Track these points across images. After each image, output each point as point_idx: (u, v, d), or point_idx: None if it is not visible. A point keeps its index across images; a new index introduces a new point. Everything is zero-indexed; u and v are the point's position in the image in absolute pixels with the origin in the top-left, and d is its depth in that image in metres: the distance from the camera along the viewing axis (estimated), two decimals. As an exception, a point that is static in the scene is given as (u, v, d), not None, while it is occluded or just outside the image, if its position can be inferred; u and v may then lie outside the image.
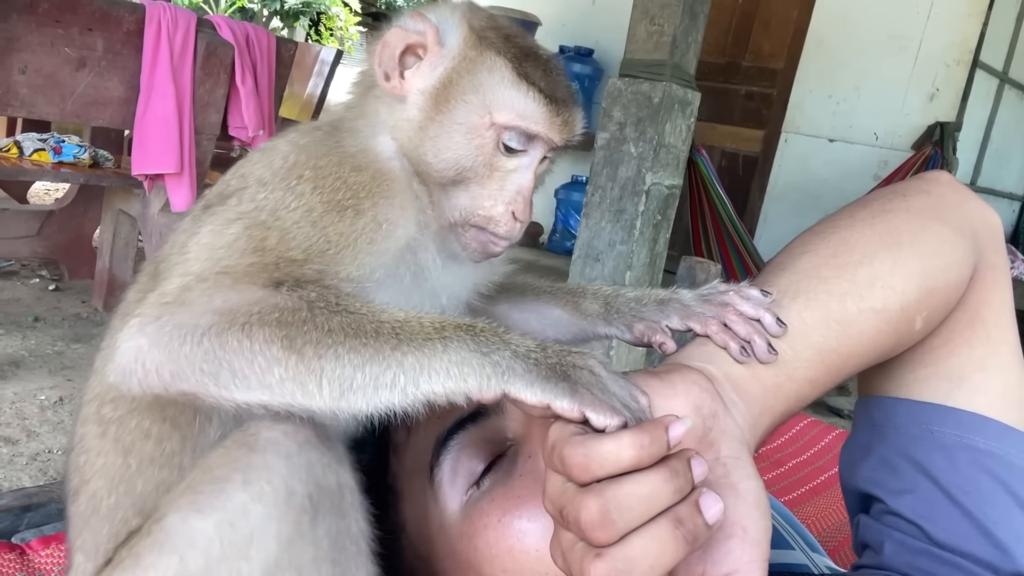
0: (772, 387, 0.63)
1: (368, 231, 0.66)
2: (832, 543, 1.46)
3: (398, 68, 0.71)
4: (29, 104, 2.76)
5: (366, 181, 0.68)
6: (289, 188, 0.66)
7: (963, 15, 5.00)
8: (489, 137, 0.70)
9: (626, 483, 0.49)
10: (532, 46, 0.74)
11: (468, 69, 0.70)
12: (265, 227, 0.64)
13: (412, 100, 0.71)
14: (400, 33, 0.71)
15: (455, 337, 0.58)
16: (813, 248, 0.71)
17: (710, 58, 5.60)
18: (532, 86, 0.70)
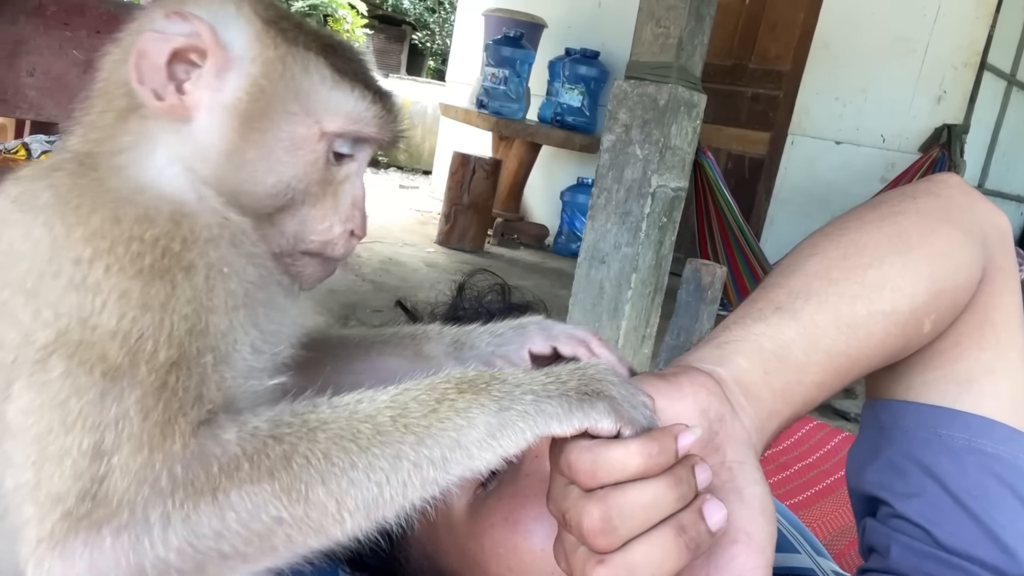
0: (781, 390, 0.63)
1: (213, 283, 0.52)
2: (838, 547, 1.46)
3: (170, 82, 0.56)
4: (37, 106, 2.78)
5: (167, 231, 0.52)
6: (73, 285, 0.49)
7: (970, 17, 4.99)
8: (320, 149, 0.59)
9: (630, 490, 0.49)
10: (329, 34, 0.64)
11: (278, 72, 0.58)
12: (87, 344, 0.48)
13: (205, 120, 0.57)
14: (158, 39, 0.55)
15: (467, 404, 0.51)
16: (823, 250, 0.71)
17: (716, 60, 5.60)
18: (356, 83, 0.60)
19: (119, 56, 0.60)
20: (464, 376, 0.53)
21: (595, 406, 0.52)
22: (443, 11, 17.76)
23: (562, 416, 0.51)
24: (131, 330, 0.49)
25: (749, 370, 0.62)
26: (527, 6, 6.55)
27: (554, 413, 0.51)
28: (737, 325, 0.65)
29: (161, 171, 0.56)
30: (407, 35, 18.84)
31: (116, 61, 0.60)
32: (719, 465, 0.56)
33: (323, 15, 13.75)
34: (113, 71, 0.60)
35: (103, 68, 0.61)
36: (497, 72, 6.27)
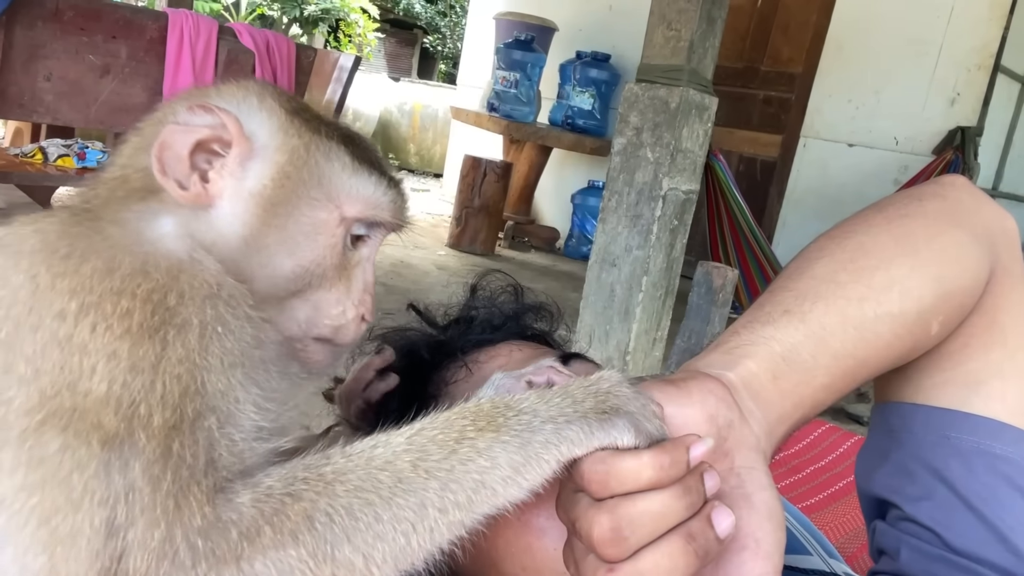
0: (790, 393, 0.63)
1: (208, 341, 0.50)
2: (850, 549, 1.45)
3: (193, 172, 0.56)
4: (54, 110, 2.81)
5: (162, 285, 0.50)
6: (56, 341, 0.47)
7: (984, 19, 4.96)
8: (339, 234, 0.60)
9: (640, 500, 0.50)
10: (345, 125, 0.66)
11: (303, 160, 0.59)
12: (80, 413, 0.46)
13: (227, 207, 0.57)
14: (183, 130, 0.56)
15: (488, 444, 0.50)
16: (829, 253, 0.71)
17: (728, 63, 5.59)
18: (373, 170, 0.62)
19: (138, 144, 0.60)
20: (480, 410, 0.52)
21: (615, 424, 0.52)
22: (454, 15, 17.80)
23: (583, 439, 0.51)
24: (123, 395, 0.46)
25: (758, 374, 0.62)
26: (538, 9, 6.56)
27: (575, 438, 0.51)
28: (746, 329, 0.65)
29: (166, 232, 0.55)
30: (418, 39, 18.89)
31: (135, 149, 0.60)
32: (728, 471, 0.56)
33: (335, 19, 13.81)
34: (132, 157, 0.60)
35: (120, 154, 0.61)
36: (508, 75, 6.28)
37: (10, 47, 2.60)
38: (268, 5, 13.46)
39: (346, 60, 4.20)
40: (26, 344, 0.47)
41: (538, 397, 0.53)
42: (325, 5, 13.50)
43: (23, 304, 0.48)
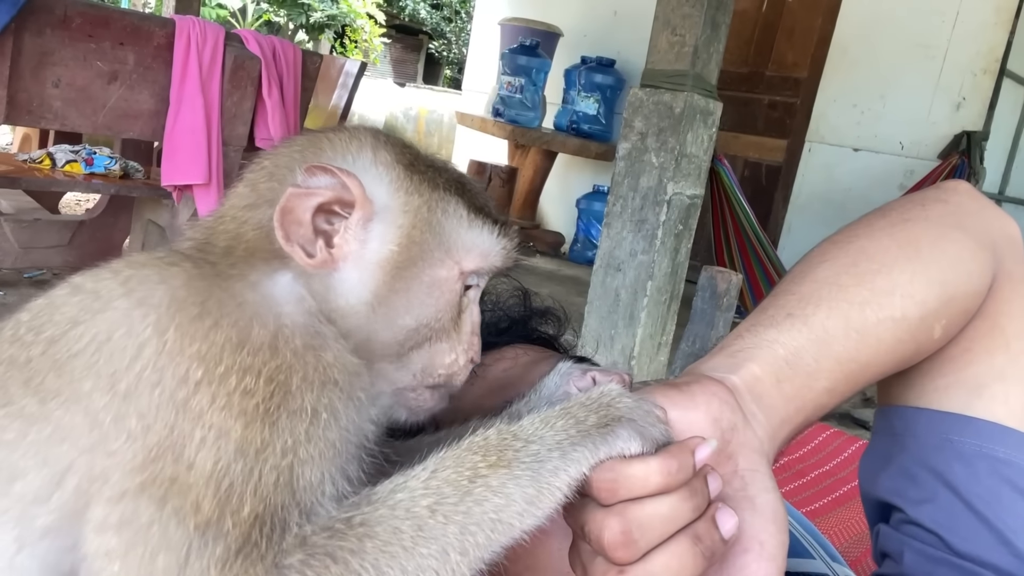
0: (793, 397, 0.63)
1: (315, 432, 0.50)
2: (854, 554, 1.45)
3: (318, 237, 0.55)
4: (62, 117, 2.83)
5: (288, 364, 0.50)
6: (173, 403, 0.47)
7: (989, 24, 4.95)
8: (458, 289, 0.60)
9: (648, 504, 0.50)
10: (451, 166, 0.64)
11: (425, 219, 0.58)
12: (181, 487, 0.46)
13: (351, 272, 0.57)
14: (304, 195, 0.55)
15: (501, 481, 0.50)
16: (832, 257, 0.71)
17: (733, 68, 5.59)
18: (487, 219, 0.61)
19: (252, 200, 0.59)
20: (488, 443, 0.52)
21: (619, 434, 0.52)
22: (459, 20, 17.85)
23: (590, 457, 0.52)
24: (224, 478, 0.47)
25: (761, 378, 0.62)
26: (543, 15, 6.58)
27: (583, 458, 0.52)
28: (749, 332, 0.66)
29: (295, 300, 0.55)
30: (424, 44, 18.95)
31: (249, 204, 0.58)
32: (731, 473, 0.57)
33: (341, 25, 13.86)
34: (246, 212, 0.58)
35: (232, 205, 0.59)
36: (513, 81, 6.29)
37: (19, 54, 2.62)
38: (274, 11, 13.52)
39: (352, 66, 4.23)
40: (143, 399, 0.48)
41: (542, 422, 0.53)
42: (331, 11, 13.55)
43: (147, 360, 0.48)
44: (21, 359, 0.50)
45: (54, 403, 0.49)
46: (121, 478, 0.47)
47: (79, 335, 0.49)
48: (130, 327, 0.49)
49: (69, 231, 3.62)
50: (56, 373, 0.49)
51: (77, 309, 0.51)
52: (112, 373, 0.48)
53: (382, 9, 14.61)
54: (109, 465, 0.47)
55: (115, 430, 0.47)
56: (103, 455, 0.47)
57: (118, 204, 3.66)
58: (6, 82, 2.60)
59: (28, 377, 0.50)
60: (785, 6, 5.74)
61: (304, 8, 13.23)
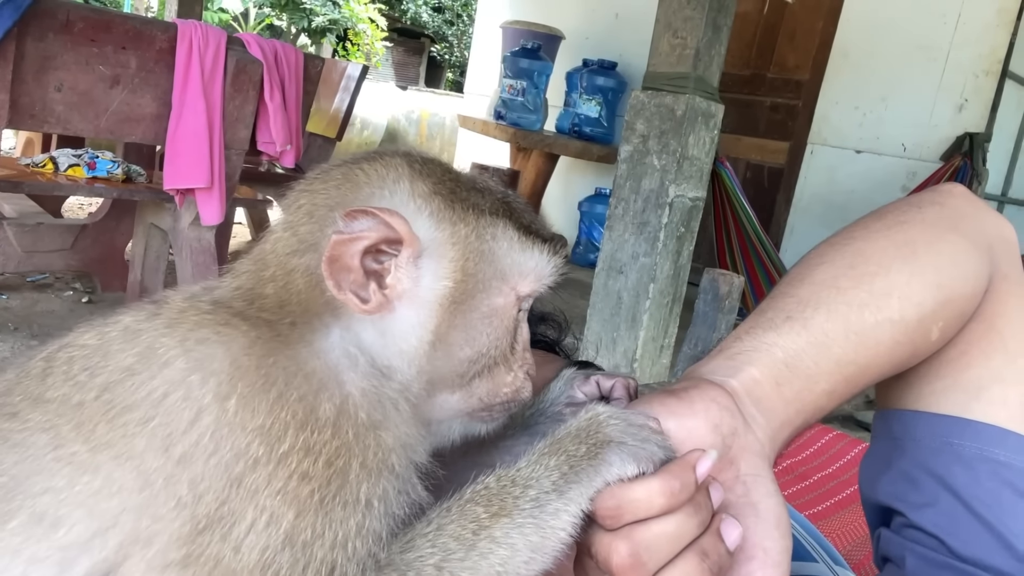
0: (792, 400, 0.63)
1: (365, 522, 0.49)
2: (857, 557, 1.45)
3: (369, 281, 0.54)
4: (65, 121, 2.84)
5: (349, 445, 0.49)
6: (228, 477, 0.46)
7: (992, 25, 4.95)
8: (514, 314, 0.60)
9: (655, 524, 0.51)
10: (493, 184, 0.63)
11: (475, 247, 0.56)
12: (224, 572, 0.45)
13: (410, 313, 0.55)
14: (348, 240, 0.53)
15: (504, 532, 0.50)
16: (830, 259, 0.71)
17: (735, 70, 5.59)
18: (536, 238, 0.60)
19: (292, 245, 0.56)
20: (488, 490, 0.52)
21: (612, 461, 0.52)
22: (461, 24, 17.87)
23: (587, 491, 0.52)
24: (268, 567, 0.45)
25: (761, 381, 0.62)
26: (545, 18, 6.58)
27: (580, 493, 0.52)
28: (748, 335, 0.66)
29: (358, 363, 0.53)
30: (426, 48, 18.98)
31: (292, 250, 0.56)
32: (733, 479, 0.57)
33: (343, 29, 13.89)
34: (290, 258, 0.56)
35: (276, 251, 0.57)
36: (515, 83, 6.30)
37: (21, 59, 2.62)
38: (276, 15, 13.55)
39: (354, 69, 4.23)
40: (196, 466, 0.46)
41: (536, 463, 0.53)
42: (333, 15, 13.57)
43: (205, 428, 0.47)
44: (74, 400, 0.49)
45: (105, 455, 0.47)
46: (166, 546, 0.46)
47: (134, 387, 0.48)
48: (188, 391, 0.47)
49: (72, 235, 3.63)
50: (108, 424, 0.48)
51: (133, 360, 0.49)
52: (167, 435, 0.47)
53: (384, 13, 14.64)
54: (156, 529, 0.46)
55: (165, 494, 0.46)
56: (150, 518, 0.46)
57: (121, 208, 3.67)
58: (9, 86, 2.61)
59: (80, 422, 0.48)
60: (787, 8, 5.74)
61: (306, 12, 13.25)
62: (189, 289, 0.57)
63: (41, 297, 3.72)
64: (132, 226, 3.64)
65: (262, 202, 3.92)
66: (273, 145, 3.32)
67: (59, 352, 0.52)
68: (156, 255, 3.56)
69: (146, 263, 3.54)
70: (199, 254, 3.22)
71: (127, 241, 3.77)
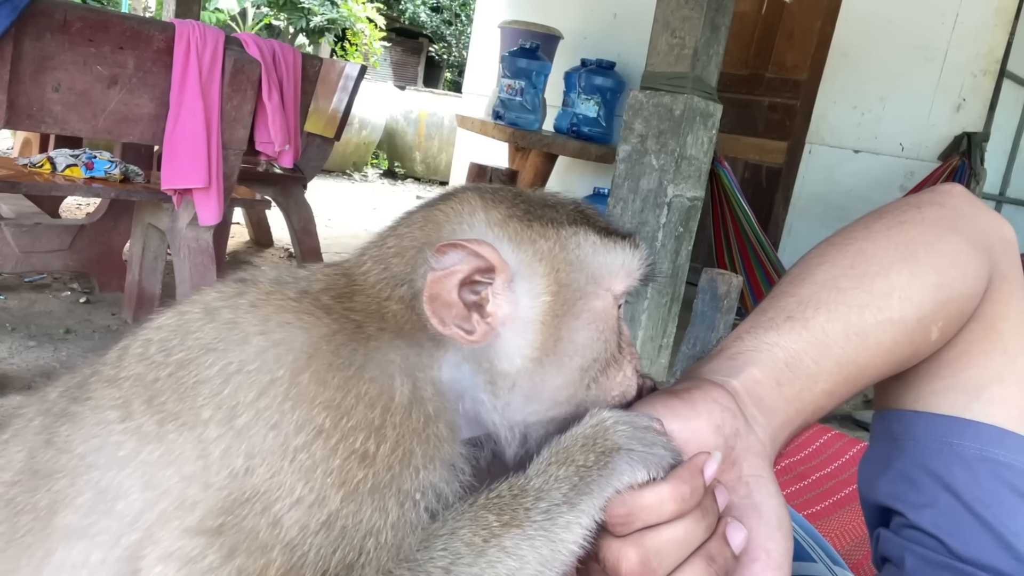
0: (793, 400, 0.63)
1: (405, 512, 0.49)
2: (856, 557, 1.45)
3: (472, 313, 0.54)
4: (62, 121, 2.83)
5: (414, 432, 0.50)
6: (283, 450, 0.46)
7: (989, 25, 4.95)
8: (615, 313, 0.60)
9: (664, 531, 0.51)
10: (560, 198, 0.64)
11: (563, 258, 0.57)
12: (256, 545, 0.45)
13: (513, 336, 0.55)
14: (445, 275, 0.54)
15: (515, 543, 0.50)
16: (831, 259, 0.72)
17: (733, 70, 5.60)
18: (618, 237, 0.61)
19: (385, 278, 0.57)
20: (501, 499, 0.51)
21: (622, 469, 0.52)
22: (460, 24, 17.86)
23: (598, 502, 0.52)
24: (300, 548, 0.45)
25: (762, 381, 0.62)
26: (543, 18, 6.58)
27: (591, 505, 0.51)
28: (749, 335, 0.66)
29: (447, 376, 0.54)
30: (424, 48, 18.97)
31: (382, 282, 0.57)
32: (736, 480, 0.57)
33: (342, 28, 13.89)
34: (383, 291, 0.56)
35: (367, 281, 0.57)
36: (513, 83, 6.30)
37: (19, 59, 2.62)
38: (274, 15, 13.55)
39: (352, 69, 4.23)
40: (256, 438, 0.46)
41: (546, 473, 0.52)
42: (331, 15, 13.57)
43: (273, 398, 0.47)
44: (148, 378, 0.50)
45: (171, 425, 0.47)
46: (204, 513, 0.45)
47: (210, 363, 0.48)
48: (262, 364, 0.48)
49: (70, 235, 3.62)
50: (179, 396, 0.48)
51: (212, 336, 0.50)
52: (234, 405, 0.47)
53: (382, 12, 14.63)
54: (201, 498, 0.46)
55: (220, 464, 0.46)
56: (199, 486, 0.46)
57: (118, 208, 3.67)
58: (6, 86, 2.60)
59: (151, 396, 0.49)
60: (785, 8, 5.75)
61: (304, 12, 13.25)
62: (274, 273, 0.57)
63: (39, 297, 3.71)
64: (130, 226, 3.64)
65: (260, 202, 3.92)
66: (271, 145, 3.32)
67: (136, 337, 0.53)
68: (154, 255, 3.56)
69: (144, 263, 3.54)
70: (197, 254, 3.22)
71: (125, 241, 3.76)
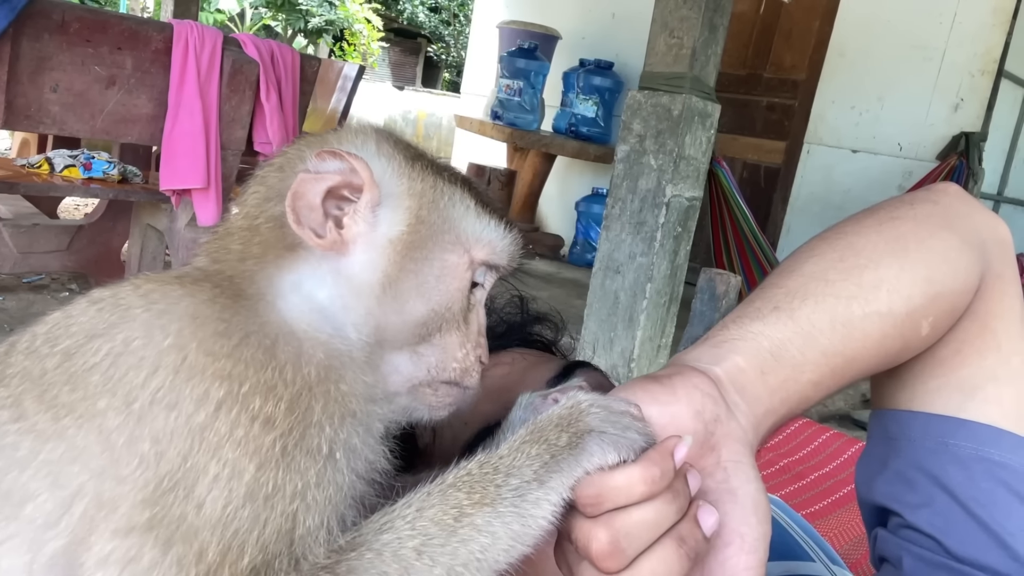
0: (777, 389, 0.63)
1: (326, 473, 0.49)
2: (854, 556, 1.45)
3: (327, 219, 0.56)
4: (60, 121, 2.83)
5: (311, 384, 0.49)
6: (189, 430, 0.45)
7: (987, 25, 4.96)
8: (467, 277, 0.61)
9: (634, 512, 0.51)
10: (456, 168, 0.66)
11: (433, 203, 0.59)
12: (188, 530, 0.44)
13: (361, 254, 0.57)
14: (314, 178, 0.56)
15: (486, 520, 0.50)
16: (820, 252, 0.72)
17: (731, 70, 5.60)
18: (494, 213, 0.63)
19: (264, 194, 0.60)
20: (471, 476, 0.52)
21: (593, 450, 0.52)
22: (458, 24, 17.86)
23: (568, 480, 0.52)
24: (230, 524, 0.45)
25: (745, 369, 0.63)
26: (541, 18, 6.59)
27: (561, 483, 0.52)
28: (735, 324, 0.66)
29: (314, 309, 0.55)
30: (422, 48, 18.98)
31: (261, 199, 0.60)
32: (714, 465, 0.57)
33: (340, 29, 13.88)
34: (258, 207, 0.59)
35: (244, 203, 0.61)
36: (512, 83, 6.30)
37: (17, 59, 2.62)
38: (272, 16, 13.54)
39: (350, 69, 4.23)
40: (158, 421, 0.45)
41: (519, 451, 0.53)
42: (329, 16, 13.56)
43: (165, 376, 0.46)
44: (35, 372, 0.48)
45: (68, 420, 0.46)
46: (130, 510, 0.45)
47: (96, 348, 0.48)
48: (149, 337, 0.47)
49: (68, 236, 3.62)
50: (71, 387, 0.47)
51: (95, 320, 0.49)
52: (128, 391, 0.46)
53: (380, 13, 14.64)
54: (119, 493, 0.45)
55: (127, 454, 0.45)
56: (113, 480, 0.45)
57: (117, 209, 3.67)
58: (4, 87, 2.60)
59: (42, 391, 0.48)
60: (783, 8, 5.75)
61: (302, 13, 13.24)
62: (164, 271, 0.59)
63: (37, 298, 3.71)
64: (128, 227, 3.64)
65: (259, 203, 3.91)
66: (269, 145, 3.32)
67: (22, 333, 0.52)
68: (152, 256, 3.55)
69: (142, 264, 3.54)
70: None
71: (123, 242, 3.76)
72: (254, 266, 0.56)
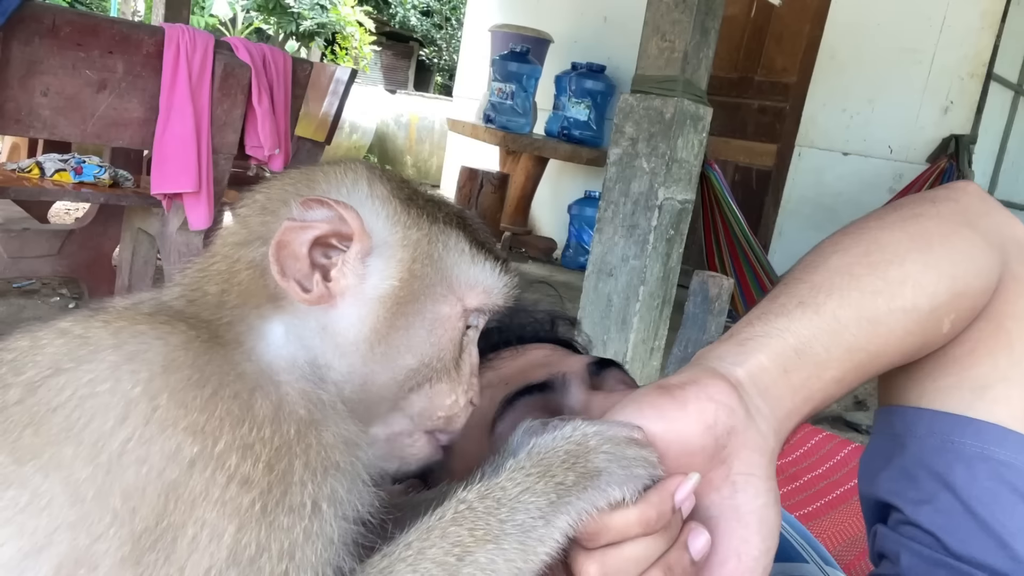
0: (801, 388, 0.62)
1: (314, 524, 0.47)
2: (847, 558, 1.45)
3: (314, 271, 0.52)
4: (51, 125, 2.81)
5: (291, 441, 0.47)
6: (162, 486, 0.43)
7: (976, 28, 4.99)
8: (460, 327, 0.58)
9: (627, 548, 0.52)
10: (449, 201, 0.62)
11: (426, 253, 0.56)
12: None
13: (350, 308, 0.54)
14: (300, 228, 0.52)
15: (489, 558, 0.49)
16: (844, 247, 0.71)
17: (723, 73, 5.62)
18: (488, 255, 0.60)
19: (244, 237, 0.56)
20: (473, 511, 0.50)
21: (602, 490, 0.51)
22: (450, 27, 17.87)
23: (574, 520, 0.51)
24: None
25: (769, 368, 0.61)
26: (533, 21, 6.60)
27: (566, 524, 0.51)
28: (760, 320, 0.64)
29: (295, 362, 0.52)
30: (414, 51, 18.97)
31: (241, 241, 0.56)
32: (722, 479, 0.56)
33: (332, 32, 13.87)
34: (237, 250, 0.55)
35: (223, 242, 0.56)
36: (504, 87, 6.31)
37: (7, 63, 2.60)
38: (264, 20, 13.52)
39: (342, 73, 4.22)
40: (127, 473, 0.43)
41: (522, 485, 0.51)
42: (321, 19, 13.55)
43: (134, 428, 0.44)
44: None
45: (31, 466, 0.44)
46: (111, 570, 0.43)
47: (61, 385, 0.45)
48: (116, 384, 0.44)
49: (58, 240, 3.60)
50: (34, 430, 0.44)
51: (61, 353, 0.46)
52: (95, 441, 0.43)
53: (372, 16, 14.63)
54: (97, 550, 0.43)
55: (99, 509, 0.43)
56: (87, 536, 0.43)
57: (108, 213, 3.65)
58: (-6, 91, 2.59)
59: (4, 429, 0.45)
60: (774, 12, 5.78)
61: (294, 16, 13.23)
62: (138, 296, 0.55)
63: (28, 303, 3.69)
64: (119, 231, 3.62)
65: (251, 206, 3.90)
66: (261, 149, 3.31)
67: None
68: (144, 260, 3.54)
69: (134, 268, 3.52)
70: (187, 259, 3.21)
71: (114, 246, 3.74)
72: (232, 314, 0.53)
